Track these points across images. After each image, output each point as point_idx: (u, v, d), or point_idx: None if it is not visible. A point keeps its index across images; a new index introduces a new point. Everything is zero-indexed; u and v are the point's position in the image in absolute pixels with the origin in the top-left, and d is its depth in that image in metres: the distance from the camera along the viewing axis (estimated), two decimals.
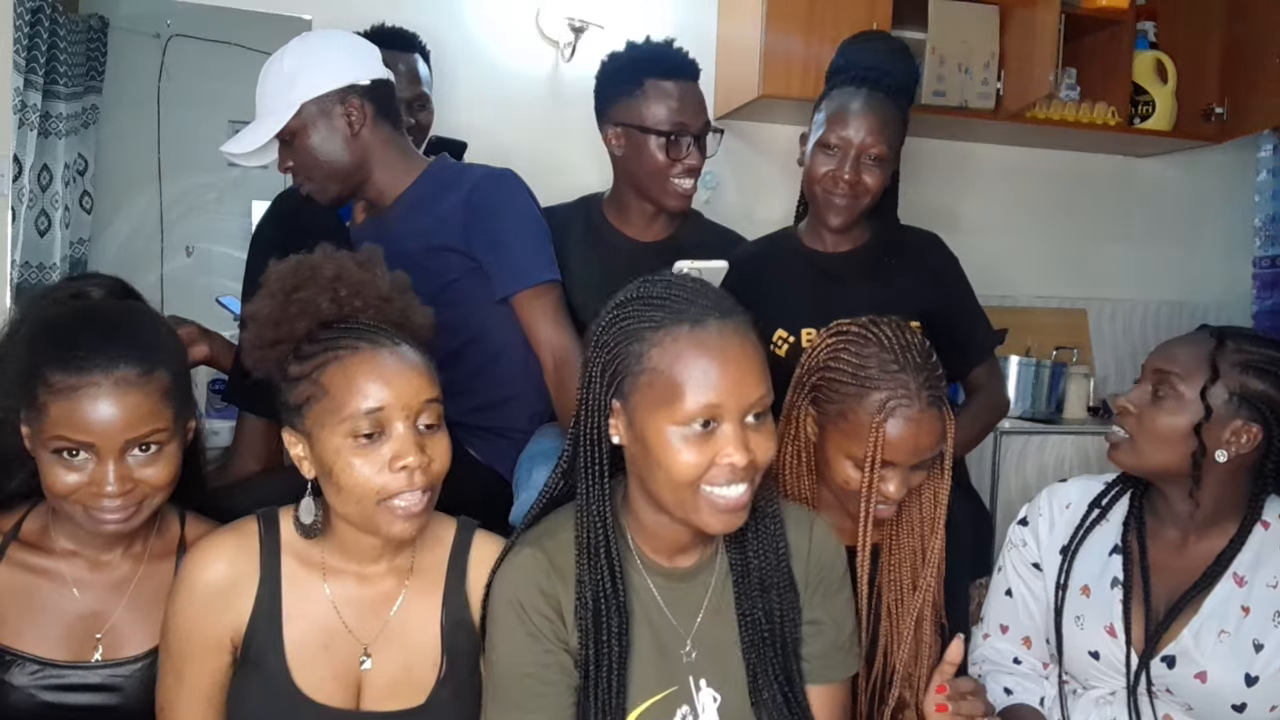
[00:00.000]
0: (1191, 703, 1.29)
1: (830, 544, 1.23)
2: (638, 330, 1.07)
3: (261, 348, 1.16)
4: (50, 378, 1.12)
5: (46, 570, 1.23)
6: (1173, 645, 1.30)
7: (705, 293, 1.09)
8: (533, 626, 1.11)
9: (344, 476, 1.09)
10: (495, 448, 1.70)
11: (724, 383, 1.03)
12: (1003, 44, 2.94)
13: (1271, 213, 3.44)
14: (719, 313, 1.06)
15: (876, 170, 1.78)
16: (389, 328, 1.15)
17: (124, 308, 1.25)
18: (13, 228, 2.44)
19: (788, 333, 1.82)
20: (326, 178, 1.70)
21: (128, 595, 1.24)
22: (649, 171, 1.85)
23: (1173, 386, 1.31)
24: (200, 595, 1.14)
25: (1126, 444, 1.35)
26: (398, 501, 1.10)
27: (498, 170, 1.74)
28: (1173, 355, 1.33)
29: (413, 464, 1.09)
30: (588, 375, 1.11)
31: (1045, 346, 3.16)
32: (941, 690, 1.19)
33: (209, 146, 2.63)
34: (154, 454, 1.17)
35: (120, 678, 1.21)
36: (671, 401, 1.03)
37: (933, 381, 1.26)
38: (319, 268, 1.15)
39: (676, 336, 1.04)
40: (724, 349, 1.04)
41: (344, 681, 1.16)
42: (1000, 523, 2.71)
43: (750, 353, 1.07)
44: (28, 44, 2.43)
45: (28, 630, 1.20)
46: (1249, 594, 1.30)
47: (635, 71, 1.86)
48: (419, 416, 1.11)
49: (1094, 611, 1.37)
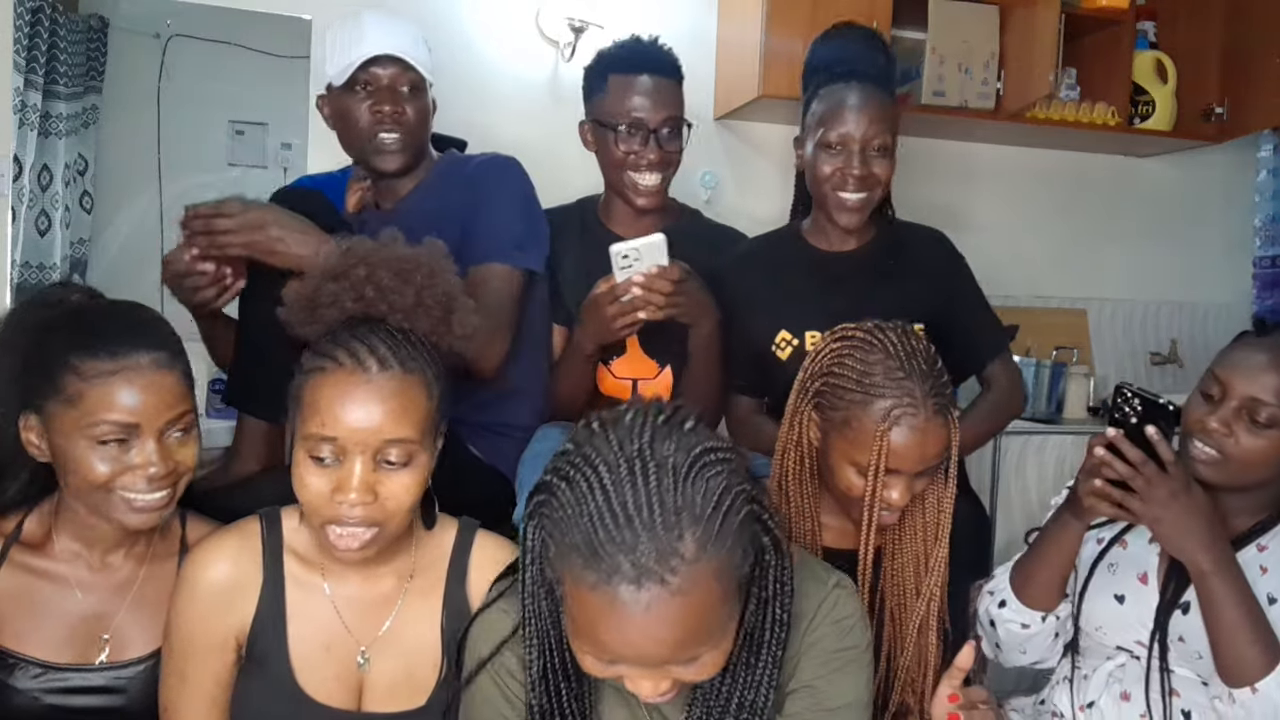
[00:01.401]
0: (1202, 650, 1.30)
1: (845, 616, 1.11)
2: (550, 526, 0.90)
3: (299, 325, 1.16)
4: (82, 366, 1.14)
5: (48, 572, 1.23)
6: (1188, 593, 1.32)
7: (648, 523, 0.84)
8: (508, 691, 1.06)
9: (298, 488, 1.10)
10: (497, 447, 1.69)
11: (624, 650, 0.87)
12: (1003, 44, 2.94)
13: (1271, 213, 3.44)
14: (632, 576, 0.83)
15: (884, 160, 1.78)
16: (400, 342, 1.12)
17: (129, 302, 1.28)
18: (13, 228, 2.44)
19: (791, 335, 1.82)
20: (417, 143, 1.76)
21: (130, 596, 1.24)
22: (609, 166, 1.88)
23: (1274, 417, 1.30)
24: (203, 595, 1.14)
25: (1219, 464, 1.33)
26: (336, 530, 1.08)
27: (502, 156, 1.80)
28: (1266, 382, 1.31)
29: (355, 501, 1.06)
30: None
31: (1045, 346, 3.16)
32: (954, 699, 1.18)
33: (209, 146, 2.66)
34: (186, 436, 1.21)
35: (124, 679, 1.21)
36: (570, 624, 0.91)
37: (938, 389, 1.25)
38: (354, 264, 1.14)
39: (580, 582, 0.86)
40: (619, 622, 0.85)
41: (346, 682, 1.16)
42: (1000, 523, 2.71)
43: (669, 624, 0.85)
44: (28, 44, 2.43)
45: (30, 633, 1.19)
46: (1269, 557, 1.33)
47: (602, 68, 1.89)
48: (379, 453, 1.08)
49: (1128, 561, 1.40)
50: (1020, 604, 1.41)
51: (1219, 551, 1.25)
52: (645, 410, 0.93)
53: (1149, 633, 1.36)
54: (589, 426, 0.94)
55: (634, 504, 0.85)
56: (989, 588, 1.48)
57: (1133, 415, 1.27)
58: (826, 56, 2.01)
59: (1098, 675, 1.41)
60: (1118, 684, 1.39)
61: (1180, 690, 1.34)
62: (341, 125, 1.77)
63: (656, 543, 0.83)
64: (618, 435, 0.90)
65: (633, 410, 0.94)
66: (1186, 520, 1.25)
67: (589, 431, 0.93)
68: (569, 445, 0.93)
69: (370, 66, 1.70)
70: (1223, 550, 1.26)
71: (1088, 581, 1.42)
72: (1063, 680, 1.47)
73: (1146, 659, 1.36)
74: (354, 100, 1.72)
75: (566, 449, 0.93)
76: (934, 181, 3.15)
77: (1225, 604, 1.24)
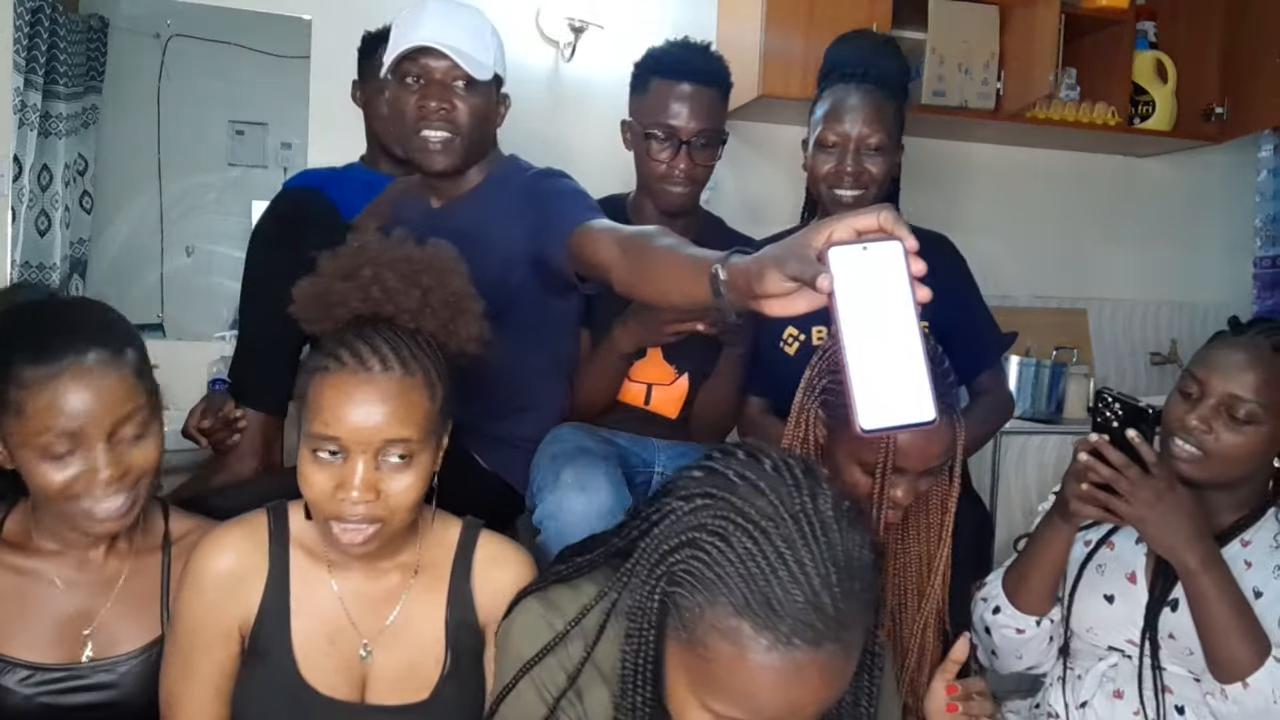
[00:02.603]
0: (1193, 645, 1.31)
1: None
2: (701, 586, 0.87)
3: (310, 324, 1.16)
4: (21, 374, 1.09)
5: (31, 571, 1.21)
6: (1176, 590, 1.33)
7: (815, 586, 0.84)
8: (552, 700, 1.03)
9: (303, 484, 1.10)
10: (504, 456, 1.67)
11: (778, 709, 0.86)
12: (1003, 44, 2.94)
13: (1271, 213, 3.44)
14: (811, 637, 0.83)
15: (879, 159, 1.78)
16: (403, 343, 1.12)
17: (71, 298, 1.24)
18: (13, 228, 2.44)
19: (798, 330, 1.82)
20: (470, 143, 1.65)
21: (115, 592, 1.23)
22: (641, 167, 1.89)
23: (1252, 414, 1.32)
24: (209, 586, 1.15)
25: (1201, 461, 1.35)
26: (340, 526, 1.10)
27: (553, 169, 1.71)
28: (1245, 379, 1.33)
29: (357, 499, 1.07)
30: (634, 567, 0.97)
31: (1045, 346, 3.16)
32: (952, 690, 1.18)
33: (209, 146, 2.66)
34: (139, 434, 1.15)
35: (115, 675, 1.21)
36: (698, 683, 0.89)
37: (944, 389, 1.25)
38: (362, 265, 1.14)
39: (742, 643, 0.84)
40: (786, 684, 0.84)
41: (349, 675, 1.17)
42: (1000, 523, 2.71)
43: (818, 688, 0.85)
44: (28, 44, 2.43)
45: (17, 633, 1.19)
46: (1252, 552, 1.35)
47: (646, 70, 1.89)
48: (381, 452, 1.08)
49: (1116, 562, 1.41)
50: (1014, 609, 1.42)
51: (1205, 549, 1.27)
52: (782, 461, 0.92)
53: (1139, 631, 1.36)
54: (723, 476, 0.91)
55: (811, 563, 0.84)
56: (982, 595, 1.49)
57: (1114, 420, 1.29)
58: (838, 60, 2.02)
59: (1090, 675, 1.42)
60: (1110, 683, 1.40)
61: (1173, 687, 1.35)
62: (390, 117, 1.71)
63: (835, 602, 0.83)
64: (775, 491, 0.89)
65: (770, 460, 0.93)
66: (1172, 519, 1.26)
67: (727, 481, 0.91)
68: (705, 500, 0.91)
69: (422, 58, 1.60)
70: (1208, 548, 1.27)
71: (1077, 583, 1.43)
72: (1056, 681, 1.47)
73: (1138, 657, 1.36)
74: (404, 92, 1.62)
75: (704, 504, 0.90)
76: (934, 181, 3.15)
77: (1213, 601, 1.25)
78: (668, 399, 1.85)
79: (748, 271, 0.90)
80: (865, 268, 0.83)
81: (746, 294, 0.91)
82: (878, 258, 0.83)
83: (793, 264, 0.84)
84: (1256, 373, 1.32)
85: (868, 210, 0.84)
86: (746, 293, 0.91)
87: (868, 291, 0.82)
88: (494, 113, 1.70)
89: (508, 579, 1.20)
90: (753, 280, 0.89)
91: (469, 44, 1.61)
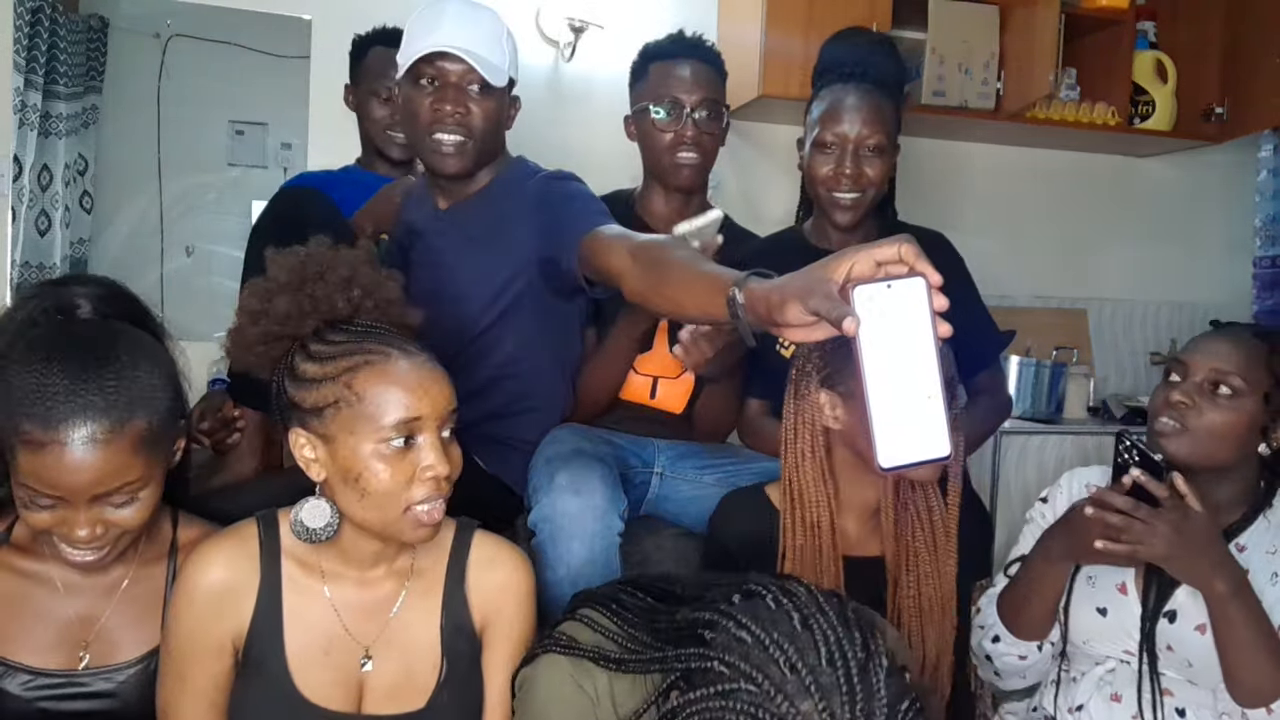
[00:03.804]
0: (1191, 658, 1.30)
1: None
2: None
3: (264, 343, 1.13)
4: (21, 426, 1.05)
5: (38, 575, 1.21)
6: (1171, 602, 1.33)
7: None
8: None
9: (372, 483, 1.07)
10: (503, 457, 1.66)
11: None
12: (1003, 44, 2.94)
13: (1271, 213, 3.44)
14: None
15: (877, 160, 1.78)
16: (404, 331, 1.14)
17: (104, 342, 1.13)
18: (13, 228, 2.44)
19: None
20: (482, 147, 1.64)
21: (117, 599, 1.22)
22: (649, 149, 1.89)
23: (1232, 388, 1.33)
24: (200, 599, 1.13)
25: (1181, 435, 1.35)
26: (421, 509, 1.09)
27: (563, 170, 1.71)
28: (1227, 356, 1.34)
29: (442, 473, 1.09)
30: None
31: (1045, 346, 3.16)
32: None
33: (209, 146, 2.66)
34: (126, 500, 1.11)
35: (115, 683, 1.20)
36: None
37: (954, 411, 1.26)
38: (331, 265, 1.13)
39: None
40: None
41: (345, 685, 1.15)
42: (1000, 523, 2.71)
43: None
44: (28, 44, 2.43)
45: (19, 637, 1.18)
46: (1248, 559, 1.33)
47: (643, 60, 1.93)
48: (443, 426, 1.11)
49: (1105, 573, 1.40)
50: (1014, 638, 1.42)
51: (1230, 572, 1.25)
52: (837, 645, 0.87)
53: (1136, 643, 1.36)
54: (773, 658, 0.86)
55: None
56: (979, 622, 1.48)
57: (1131, 465, 1.28)
58: (834, 58, 2.01)
59: (1087, 679, 1.41)
60: (1108, 686, 1.39)
61: (1173, 690, 1.34)
62: (403, 119, 1.70)
63: None
64: (826, 699, 0.84)
65: (825, 645, 0.87)
66: (1195, 547, 1.24)
67: (779, 673, 0.86)
68: (749, 689, 0.86)
69: (439, 60, 1.58)
70: (1234, 570, 1.25)
71: (1069, 596, 1.41)
72: (1051, 684, 1.46)
73: (1137, 667, 1.35)
74: (418, 94, 1.61)
75: (747, 694, 0.85)
76: (934, 181, 3.15)
77: (1241, 626, 1.23)
78: (674, 393, 1.84)
79: (768, 300, 0.92)
80: (888, 305, 0.83)
81: (765, 320, 0.92)
82: (901, 294, 0.83)
83: (816, 300, 0.85)
84: (1239, 352, 1.34)
85: (888, 241, 0.84)
86: (766, 319, 0.92)
87: (890, 330, 0.83)
88: (506, 116, 1.70)
89: (503, 580, 1.20)
90: (773, 310, 0.90)
91: (486, 48, 1.60)
